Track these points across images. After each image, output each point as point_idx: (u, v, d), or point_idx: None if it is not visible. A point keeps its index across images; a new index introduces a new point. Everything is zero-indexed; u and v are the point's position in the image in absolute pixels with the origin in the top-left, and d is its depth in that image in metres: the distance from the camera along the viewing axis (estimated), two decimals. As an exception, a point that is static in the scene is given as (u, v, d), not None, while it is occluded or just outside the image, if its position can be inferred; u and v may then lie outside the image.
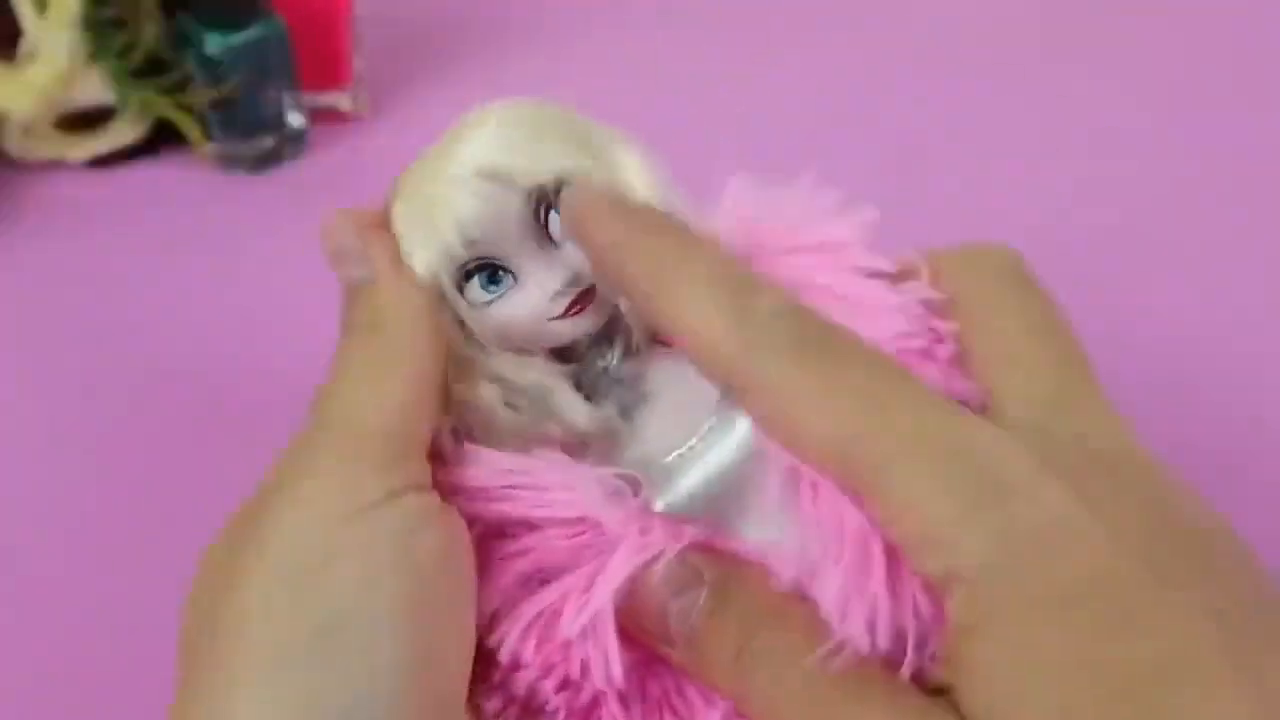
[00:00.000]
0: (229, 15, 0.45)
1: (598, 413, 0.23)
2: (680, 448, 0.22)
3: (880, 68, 0.57)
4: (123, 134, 0.48)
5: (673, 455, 0.22)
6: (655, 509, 0.22)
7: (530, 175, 0.22)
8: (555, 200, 0.22)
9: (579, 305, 0.22)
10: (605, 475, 0.22)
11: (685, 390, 0.23)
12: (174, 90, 0.47)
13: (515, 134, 0.22)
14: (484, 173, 0.21)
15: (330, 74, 0.51)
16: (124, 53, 0.46)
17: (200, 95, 0.47)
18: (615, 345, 0.23)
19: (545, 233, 0.22)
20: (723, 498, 0.22)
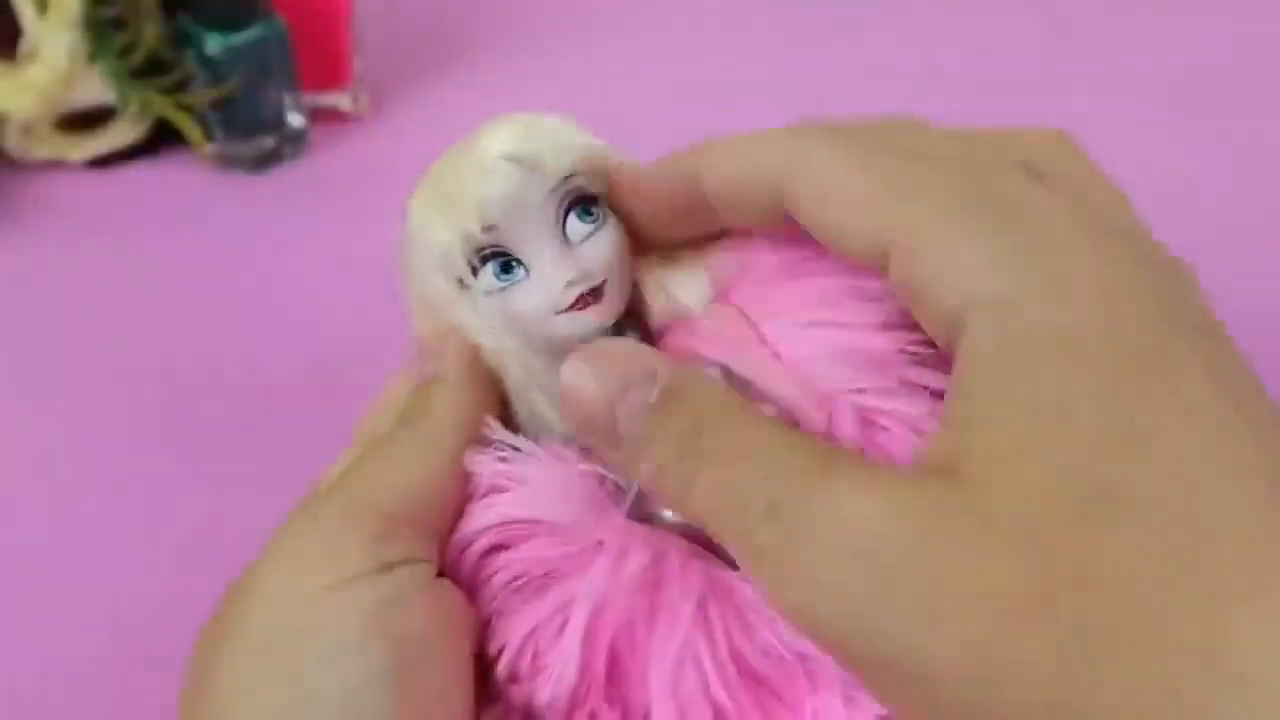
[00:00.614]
0: (229, 15, 0.45)
1: None
2: None
3: (879, 67, 0.57)
4: (123, 134, 0.48)
5: None
6: (665, 513, 0.22)
7: (556, 165, 0.22)
8: (577, 194, 0.22)
9: (587, 300, 0.22)
10: (601, 476, 0.22)
11: None
12: (174, 90, 0.47)
13: (542, 125, 0.23)
14: (511, 157, 0.22)
15: (330, 74, 0.51)
16: (124, 53, 0.46)
17: (200, 95, 0.47)
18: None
19: (563, 231, 0.22)
20: None
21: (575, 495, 0.22)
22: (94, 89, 0.47)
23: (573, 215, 0.22)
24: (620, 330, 0.24)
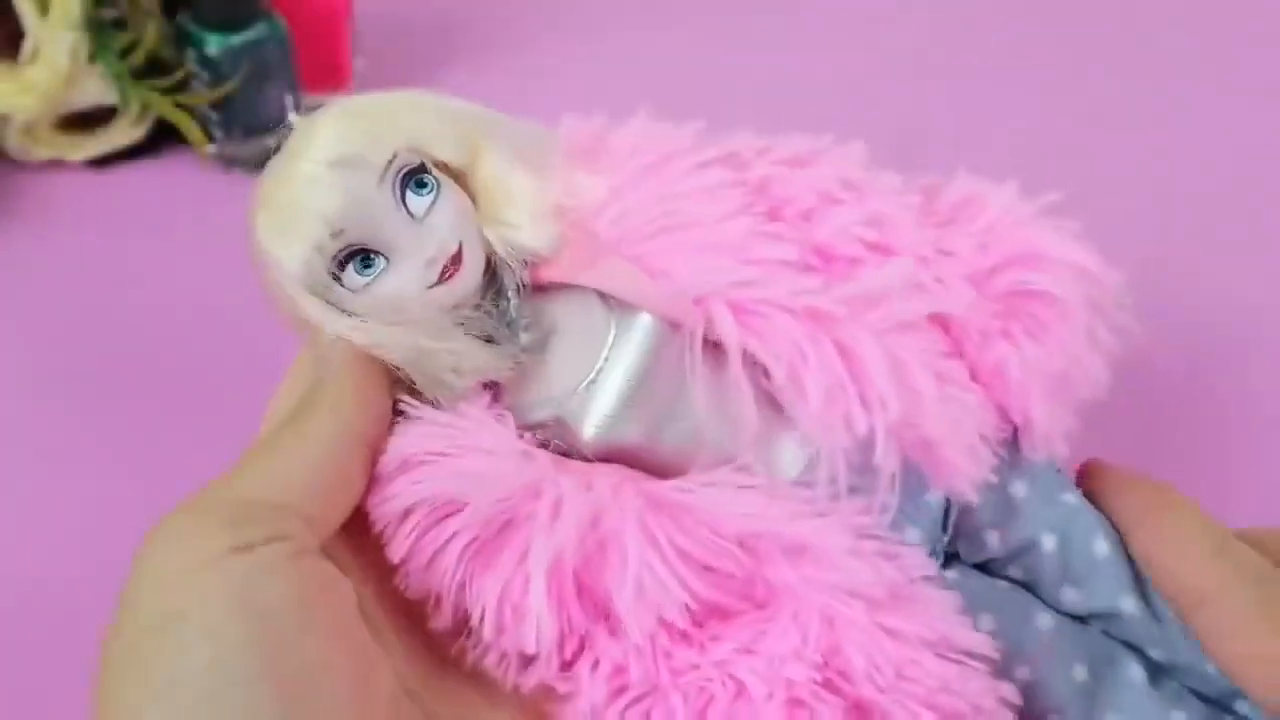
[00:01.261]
0: (229, 16, 0.45)
1: (508, 356, 0.24)
2: (590, 373, 0.24)
3: (878, 65, 0.58)
4: (123, 134, 0.48)
5: (584, 383, 0.24)
6: (585, 438, 0.23)
7: (379, 155, 0.23)
8: (406, 171, 0.23)
9: (451, 269, 0.23)
10: (521, 433, 0.23)
11: (583, 318, 0.24)
12: (174, 90, 0.47)
13: (354, 122, 0.23)
14: (335, 163, 0.23)
15: (330, 74, 0.51)
16: (125, 53, 0.46)
17: (200, 95, 0.47)
18: (506, 292, 0.24)
19: (406, 210, 0.23)
20: (644, 400, 0.23)
21: (502, 448, 0.23)
22: (94, 89, 0.47)
23: (409, 191, 0.23)
24: (495, 277, 0.24)
